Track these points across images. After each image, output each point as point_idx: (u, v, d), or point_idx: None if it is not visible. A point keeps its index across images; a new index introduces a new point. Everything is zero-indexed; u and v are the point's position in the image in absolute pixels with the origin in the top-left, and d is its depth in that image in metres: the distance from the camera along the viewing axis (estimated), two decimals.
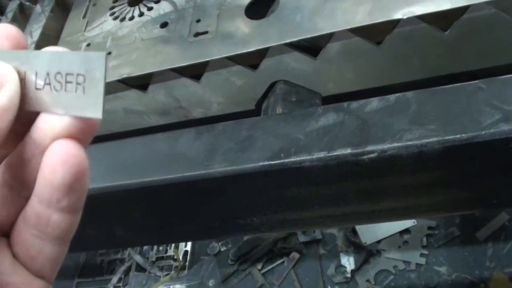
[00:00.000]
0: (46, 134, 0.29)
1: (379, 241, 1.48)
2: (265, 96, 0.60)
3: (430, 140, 0.45)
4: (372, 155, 0.46)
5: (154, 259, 1.69)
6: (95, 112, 0.28)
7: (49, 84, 0.29)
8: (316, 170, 0.47)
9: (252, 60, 0.57)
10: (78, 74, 0.29)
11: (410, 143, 0.45)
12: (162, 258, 1.69)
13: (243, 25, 0.58)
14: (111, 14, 0.69)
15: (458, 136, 0.44)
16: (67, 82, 0.29)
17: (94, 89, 0.28)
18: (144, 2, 0.68)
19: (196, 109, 0.63)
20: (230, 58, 0.57)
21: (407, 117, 0.47)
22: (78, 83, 0.29)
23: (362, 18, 0.52)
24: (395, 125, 0.47)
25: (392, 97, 0.48)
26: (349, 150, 0.46)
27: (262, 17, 0.59)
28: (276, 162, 0.48)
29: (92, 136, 0.30)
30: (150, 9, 0.66)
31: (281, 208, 0.53)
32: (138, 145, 0.55)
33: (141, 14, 0.66)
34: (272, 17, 0.57)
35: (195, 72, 0.59)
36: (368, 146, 0.46)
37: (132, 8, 0.68)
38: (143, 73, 0.59)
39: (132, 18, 0.67)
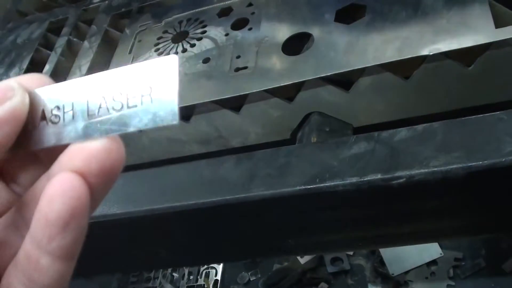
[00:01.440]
0: (58, 167, 0.28)
1: (406, 272, 1.50)
2: (300, 126, 0.64)
3: (454, 166, 0.48)
4: (400, 180, 0.50)
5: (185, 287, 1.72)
6: (172, 118, 0.27)
7: (106, 107, 0.28)
8: (349, 194, 0.51)
9: (288, 93, 0.62)
10: (143, 86, 0.27)
11: (436, 169, 0.49)
12: (192, 287, 1.71)
13: (280, 61, 0.63)
14: (156, 50, 0.74)
15: (480, 162, 0.48)
16: (128, 98, 0.28)
17: (166, 95, 0.27)
18: (187, 39, 0.73)
19: (235, 138, 0.67)
20: (268, 91, 0.61)
21: (433, 145, 0.51)
22: (143, 95, 0.27)
23: (391, 54, 0.57)
24: (422, 153, 0.50)
25: (420, 127, 0.52)
26: (379, 176, 0.50)
27: (298, 53, 0.64)
28: (311, 186, 0.52)
29: (110, 179, 0.28)
30: (192, 45, 0.71)
31: (315, 230, 0.57)
32: (182, 171, 0.60)
33: (184, 50, 0.71)
34: (307, 53, 0.62)
35: (235, 104, 0.64)
36: (397, 172, 0.50)
37: (176, 44, 0.73)
38: (186, 104, 0.64)
39: (175, 53, 0.72)
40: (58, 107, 0.30)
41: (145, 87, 0.27)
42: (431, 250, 1.47)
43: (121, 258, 0.67)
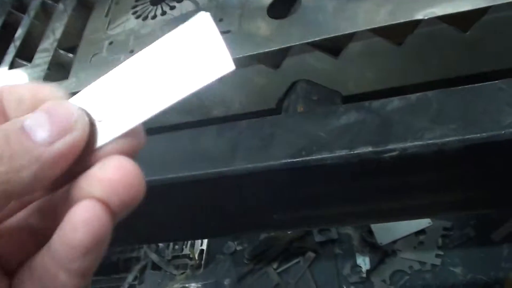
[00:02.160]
0: (82, 193, 0.29)
1: (394, 242, 1.48)
2: (286, 95, 0.60)
3: (450, 139, 0.45)
4: (393, 153, 0.47)
5: (170, 257, 1.70)
6: (225, 67, 0.28)
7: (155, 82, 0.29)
8: (338, 168, 0.48)
9: (274, 59, 0.58)
10: (186, 49, 0.28)
11: (430, 141, 0.46)
12: (178, 256, 1.70)
13: (265, 25, 0.59)
14: (134, 13, 0.70)
15: (478, 135, 0.45)
16: (175, 66, 0.28)
17: (213, 48, 0.28)
18: (166, 1, 0.68)
19: (218, 107, 0.64)
20: (252, 57, 0.57)
21: (427, 116, 0.47)
22: (191, 58, 0.28)
23: (383, 18, 0.53)
24: (416, 124, 0.47)
25: (413, 96, 0.49)
26: (370, 148, 0.47)
27: (284, 16, 0.60)
28: (297, 159, 0.49)
29: (131, 207, 0.29)
30: (172, 8, 0.67)
31: (302, 205, 0.54)
32: (162, 142, 0.56)
33: (164, 13, 0.67)
34: (294, 17, 0.58)
35: None
36: (389, 145, 0.47)
37: (155, 7, 0.69)
38: None
39: (154, 16, 0.68)
40: (103, 103, 0.30)
41: (190, 49, 0.28)
42: (420, 220, 1.46)
43: None
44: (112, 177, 0.28)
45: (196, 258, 1.63)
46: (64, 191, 0.30)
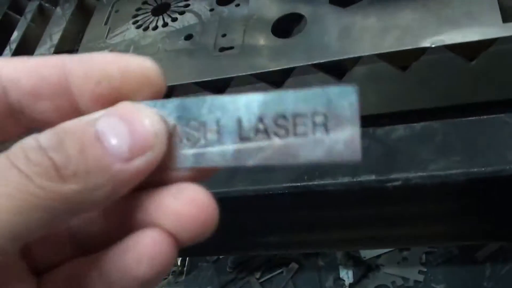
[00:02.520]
0: (150, 220, 0.26)
1: (378, 256, 1.48)
2: None
3: (454, 171, 0.45)
4: (396, 183, 0.46)
5: None
6: (352, 154, 0.24)
7: (265, 131, 0.25)
8: (339, 195, 0.48)
9: (276, 77, 0.57)
10: (315, 114, 0.24)
11: (434, 173, 0.45)
12: None
13: (269, 43, 0.58)
14: (134, 23, 0.69)
15: (483, 169, 0.45)
16: (296, 125, 0.24)
17: (346, 128, 0.24)
18: (168, 12, 0.68)
19: None
20: (255, 76, 0.57)
21: (432, 147, 0.47)
22: (316, 124, 0.24)
23: (390, 44, 0.53)
24: (420, 154, 0.47)
25: (418, 125, 0.49)
26: (373, 177, 0.47)
27: (288, 34, 0.60)
28: (300, 184, 0.48)
29: (196, 241, 0.26)
30: (174, 20, 0.66)
31: (299, 229, 0.54)
32: None
33: (165, 25, 0.66)
34: (299, 36, 0.57)
35: (218, 86, 0.59)
36: (392, 174, 0.46)
37: (156, 17, 0.68)
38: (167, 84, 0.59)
39: (155, 28, 0.67)
40: (195, 123, 0.26)
41: (318, 115, 0.24)
42: None
43: None
44: (187, 212, 0.25)
45: (179, 264, 1.62)
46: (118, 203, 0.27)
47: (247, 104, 0.25)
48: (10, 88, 0.27)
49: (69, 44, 0.74)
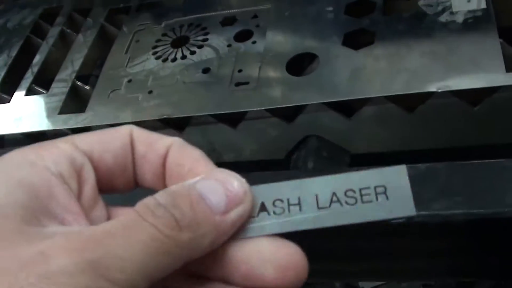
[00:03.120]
0: (252, 271, 0.31)
1: (376, 287, 1.49)
2: (296, 148, 0.62)
3: (456, 211, 0.48)
4: (400, 220, 0.49)
5: None
6: (407, 211, 0.31)
7: (338, 201, 0.32)
8: (346, 228, 0.50)
9: (288, 113, 0.60)
10: (376, 187, 0.32)
11: (437, 212, 0.48)
12: None
13: (283, 80, 0.61)
14: (154, 53, 0.72)
15: (482, 210, 0.47)
16: (362, 195, 0.32)
17: (401, 193, 0.31)
18: (187, 45, 0.71)
19: (229, 153, 0.66)
20: (269, 111, 0.59)
21: (435, 187, 0.50)
22: (378, 193, 0.31)
23: (398, 87, 0.55)
24: (424, 194, 0.49)
25: (423, 166, 0.51)
26: None
27: (301, 72, 0.63)
28: None
29: None
30: (193, 53, 0.69)
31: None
32: None
33: (184, 57, 0.69)
34: (312, 75, 0.60)
35: (232, 119, 0.62)
36: None
37: (175, 50, 0.71)
38: (183, 115, 0.62)
39: (174, 59, 0.70)
40: (281, 200, 0.33)
41: (379, 187, 0.31)
42: None
43: None
44: (286, 264, 0.31)
45: None
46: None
47: (321, 185, 0.32)
48: (135, 146, 0.35)
49: (90, 70, 0.77)
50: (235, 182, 0.32)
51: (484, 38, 0.57)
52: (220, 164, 0.64)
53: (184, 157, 0.34)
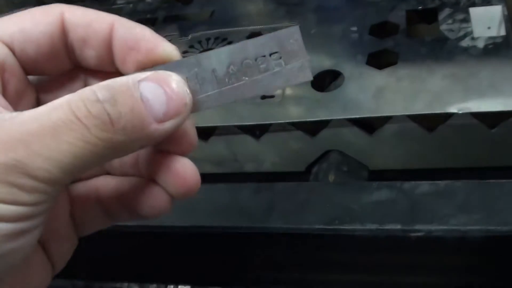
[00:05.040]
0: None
1: None
2: (317, 161, 0.65)
3: (473, 227, 0.50)
4: (419, 234, 0.51)
5: None
6: (305, 76, 0.32)
7: (235, 74, 0.32)
8: (366, 240, 0.52)
9: (312, 127, 0.62)
10: (271, 54, 0.31)
11: (454, 227, 0.50)
12: None
13: (308, 95, 0.63)
14: None
15: (499, 227, 0.49)
16: (259, 64, 0.31)
17: (296, 59, 0.31)
18: None
19: (250, 163, 0.68)
20: (293, 124, 0.62)
21: (454, 204, 0.52)
22: (273, 60, 0.31)
23: (420, 107, 0.58)
24: (442, 209, 0.52)
25: (442, 183, 0.54)
26: (399, 226, 0.51)
27: (324, 88, 0.65)
28: (331, 227, 0.53)
29: None
30: None
31: (323, 268, 0.58)
32: (199, 192, 0.60)
33: None
34: (336, 91, 0.62)
35: (257, 130, 0.64)
36: (416, 225, 0.51)
37: None
38: (208, 125, 0.64)
39: None
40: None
41: (274, 54, 0.31)
42: None
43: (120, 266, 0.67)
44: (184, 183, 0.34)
45: None
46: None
47: (217, 58, 0.32)
48: (70, 30, 0.34)
49: None
50: (177, 88, 0.31)
51: (504, 64, 0.59)
52: (242, 174, 0.67)
53: (132, 38, 0.33)
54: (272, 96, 0.65)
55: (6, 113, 0.29)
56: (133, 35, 0.33)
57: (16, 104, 0.33)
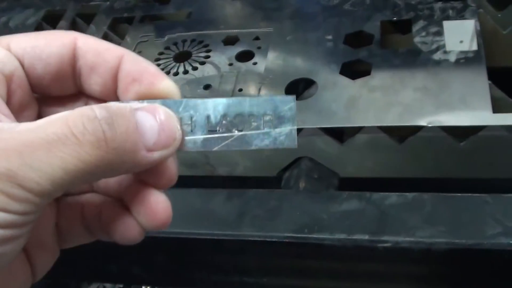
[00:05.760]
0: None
1: None
2: (288, 167, 0.65)
3: (439, 240, 0.51)
4: (386, 244, 0.52)
5: None
6: (290, 143, 0.34)
7: (226, 125, 0.33)
8: (334, 249, 0.53)
9: None
10: (264, 115, 0.33)
11: (421, 239, 0.51)
12: None
13: None
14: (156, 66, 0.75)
15: (464, 241, 0.51)
16: (251, 122, 0.33)
17: (286, 125, 0.33)
18: (189, 61, 0.73)
19: (223, 167, 0.68)
20: None
21: (421, 216, 0.53)
22: (265, 121, 0.33)
23: (392, 118, 0.59)
24: (410, 221, 0.53)
25: (410, 195, 0.55)
26: (366, 237, 0.52)
27: (298, 96, 0.66)
28: (300, 235, 0.54)
29: None
30: (195, 68, 0.72)
31: (291, 274, 0.59)
32: (171, 197, 0.60)
33: (186, 72, 0.72)
34: (310, 100, 0.63)
35: None
36: (384, 236, 0.52)
37: (178, 64, 0.74)
38: None
39: (176, 73, 0.72)
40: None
41: (267, 116, 0.33)
42: None
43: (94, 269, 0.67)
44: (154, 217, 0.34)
45: None
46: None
47: (214, 106, 0.34)
48: (81, 56, 0.35)
49: None
50: (171, 122, 0.33)
51: (474, 79, 0.61)
52: (214, 178, 0.67)
53: (137, 70, 0.34)
54: None
55: (6, 123, 0.30)
56: (139, 67, 0.34)
57: (18, 115, 0.34)
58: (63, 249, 0.38)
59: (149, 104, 0.33)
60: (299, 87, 0.68)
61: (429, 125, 0.57)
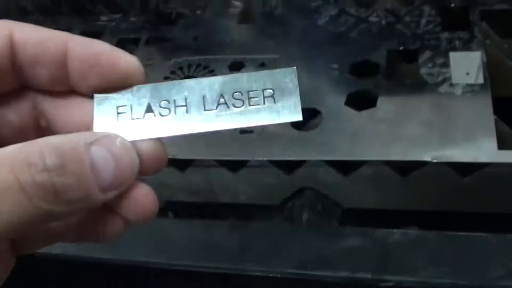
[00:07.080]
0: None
1: None
2: (292, 197, 0.65)
3: (442, 281, 0.51)
4: (388, 284, 0.52)
5: None
6: (294, 116, 0.32)
7: (225, 103, 0.32)
8: (336, 287, 0.53)
9: (289, 165, 0.63)
10: (264, 89, 0.32)
11: (424, 280, 0.51)
12: None
13: (286, 133, 0.64)
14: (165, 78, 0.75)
15: (467, 283, 0.50)
16: (250, 98, 0.32)
17: (289, 98, 0.31)
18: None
19: (225, 195, 0.68)
20: (270, 161, 0.62)
21: (424, 255, 0.53)
22: (265, 97, 0.31)
23: (396, 153, 0.58)
24: (413, 261, 0.53)
25: (414, 233, 0.55)
26: (369, 276, 0.52)
27: (303, 126, 0.66)
28: (303, 272, 0.53)
29: None
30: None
31: None
32: (174, 227, 0.60)
33: None
34: (314, 132, 0.63)
35: (234, 164, 0.65)
36: (386, 276, 0.52)
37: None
38: (186, 158, 0.64)
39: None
40: (167, 101, 0.32)
41: (267, 90, 0.32)
42: None
43: None
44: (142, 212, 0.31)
45: None
46: None
47: (209, 85, 0.32)
48: (19, 49, 0.32)
49: None
50: (128, 160, 0.30)
51: (480, 113, 0.60)
52: (217, 204, 0.67)
53: (92, 54, 0.32)
54: (251, 132, 0.65)
55: None
56: (92, 51, 0.32)
57: None
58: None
59: (104, 135, 0.30)
60: (303, 117, 0.67)
61: (434, 161, 0.57)
